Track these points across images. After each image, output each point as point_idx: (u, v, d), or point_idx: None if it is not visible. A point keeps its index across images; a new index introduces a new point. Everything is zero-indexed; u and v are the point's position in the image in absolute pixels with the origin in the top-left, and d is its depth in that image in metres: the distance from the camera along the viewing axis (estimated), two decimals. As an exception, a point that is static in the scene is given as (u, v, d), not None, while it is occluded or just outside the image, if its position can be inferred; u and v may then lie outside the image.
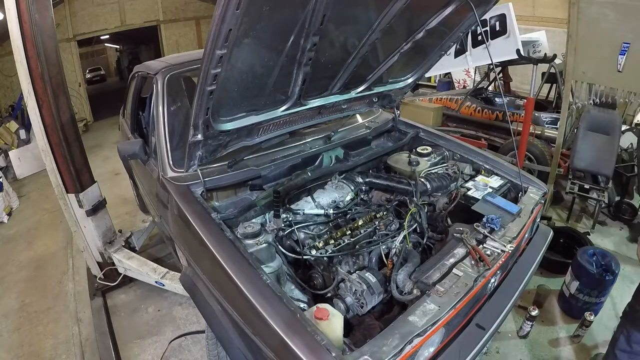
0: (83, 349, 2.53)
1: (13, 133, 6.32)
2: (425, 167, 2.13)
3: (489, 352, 2.25)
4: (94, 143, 7.11)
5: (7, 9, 2.11)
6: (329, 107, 2.09)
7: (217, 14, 1.08)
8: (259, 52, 1.42)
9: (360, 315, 1.44)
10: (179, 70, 2.18)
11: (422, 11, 1.76)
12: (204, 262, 1.53)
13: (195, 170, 1.77)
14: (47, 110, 2.37)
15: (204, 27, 10.33)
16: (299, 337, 1.09)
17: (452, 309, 1.23)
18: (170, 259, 3.11)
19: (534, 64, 3.37)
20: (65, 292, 3.13)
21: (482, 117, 4.66)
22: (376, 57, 1.97)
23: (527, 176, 2.09)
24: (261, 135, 1.90)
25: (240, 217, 1.72)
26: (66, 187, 2.58)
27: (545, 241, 1.97)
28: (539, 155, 3.89)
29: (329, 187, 1.99)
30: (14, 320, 2.87)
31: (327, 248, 1.63)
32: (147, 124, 2.57)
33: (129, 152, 2.04)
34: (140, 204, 3.51)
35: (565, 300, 2.53)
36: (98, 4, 8.64)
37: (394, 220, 1.84)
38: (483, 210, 1.72)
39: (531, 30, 5.26)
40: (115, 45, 19.69)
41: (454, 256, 1.47)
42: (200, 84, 1.30)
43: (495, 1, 1.80)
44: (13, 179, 5.76)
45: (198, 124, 1.49)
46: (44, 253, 3.75)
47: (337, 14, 1.43)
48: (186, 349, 2.41)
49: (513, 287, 1.67)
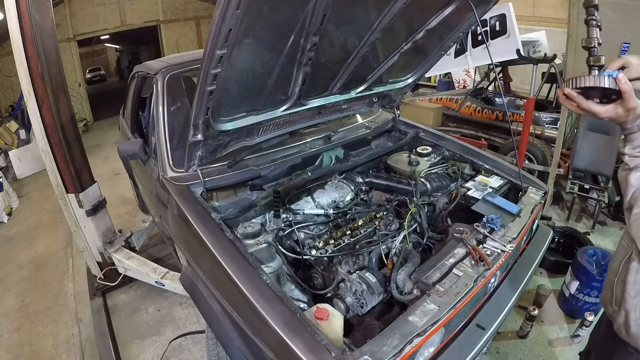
0: (83, 349, 2.53)
1: (13, 133, 6.32)
2: (425, 167, 2.13)
3: (489, 352, 2.25)
4: (94, 143, 7.12)
5: (7, 9, 2.11)
6: (329, 107, 2.09)
7: (217, 14, 1.08)
8: (259, 52, 1.42)
9: (360, 315, 1.44)
10: (179, 70, 2.18)
11: (422, 11, 1.76)
12: (204, 262, 1.53)
13: (195, 170, 1.77)
14: (47, 110, 2.37)
15: (204, 27, 10.34)
16: (299, 337, 1.09)
17: (452, 309, 1.23)
18: (170, 259, 3.11)
19: (534, 64, 3.37)
20: (65, 292, 3.13)
21: (482, 117, 4.66)
22: (376, 57, 1.97)
23: (527, 176, 2.09)
24: (261, 135, 1.90)
25: (240, 217, 1.72)
26: (66, 187, 2.58)
27: (545, 241, 1.97)
28: (539, 155, 3.89)
29: (329, 187, 1.99)
30: (14, 320, 2.87)
31: (327, 248, 1.63)
32: (147, 124, 2.57)
33: (129, 152, 2.04)
34: (140, 204, 3.51)
35: (565, 300, 2.53)
36: (98, 4, 8.65)
37: (394, 220, 1.84)
38: (483, 210, 1.72)
39: (531, 30, 5.27)
40: (115, 45, 19.71)
41: (454, 256, 1.47)
42: (200, 84, 1.29)
43: (495, 1, 1.80)
44: (13, 179, 5.77)
45: (198, 124, 1.49)
46: (44, 253, 3.75)
47: (337, 14, 1.43)
48: (186, 349, 2.41)
49: (513, 287, 1.67)
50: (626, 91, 0.90)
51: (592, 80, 0.93)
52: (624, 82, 0.90)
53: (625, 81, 0.90)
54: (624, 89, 0.90)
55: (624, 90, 0.90)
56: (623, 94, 0.91)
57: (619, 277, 1.09)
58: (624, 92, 0.90)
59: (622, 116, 0.94)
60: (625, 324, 1.10)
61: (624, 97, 0.91)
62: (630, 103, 0.91)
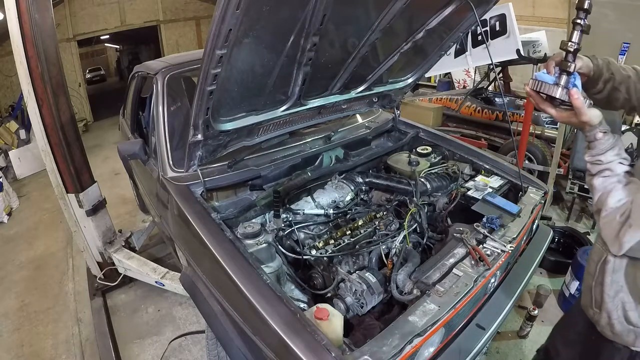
0: (83, 349, 2.53)
1: (13, 133, 6.32)
2: (425, 167, 2.13)
3: (489, 352, 2.25)
4: (94, 143, 7.12)
5: (7, 9, 2.11)
6: (329, 107, 2.09)
7: (217, 14, 1.08)
8: (259, 52, 1.42)
9: (360, 315, 1.44)
10: (179, 70, 2.18)
11: (422, 11, 1.76)
12: (204, 262, 1.52)
13: (195, 170, 1.77)
14: (47, 110, 2.37)
15: (204, 27, 10.34)
16: (299, 337, 1.09)
17: (452, 309, 1.23)
18: (170, 259, 3.11)
19: (534, 64, 3.37)
20: (65, 292, 3.13)
21: (482, 117, 4.66)
22: (376, 57, 1.97)
23: (527, 176, 2.09)
24: (261, 135, 1.90)
25: (240, 217, 1.72)
26: (66, 187, 2.58)
27: (545, 241, 1.97)
28: (539, 155, 3.89)
29: (329, 187, 1.99)
30: (14, 320, 2.87)
31: (327, 248, 1.63)
32: (147, 124, 2.57)
33: (129, 152, 2.04)
34: (140, 204, 3.51)
35: (565, 300, 2.53)
36: (98, 4, 8.65)
37: (394, 220, 1.84)
38: (483, 210, 1.72)
39: (531, 30, 5.26)
40: (115, 45, 19.71)
41: (454, 256, 1.47)
42: (200, 84, 1.29)
43: (495, 1, 1.80)
44: (13, 179, 5.77)
45: (198, 124, 1.49)
46: (44, 253, 3.75)
47: (337, 14, 1.43)
48: (186, 349, 2.41)
49: (513, 287, 1.67)
50: (577, 107, 0.94)
51: (548, 87, 0.96)
52: (576, 97, 0.93)
53: (577, 96, 0.93)
54: (575, 104, 0.94)
55: (575, 105, 0.94)
56: (575, 109, 0.94)
57: (596, 280, 1.11)
58: (575, 107, 0.94)
59: (576, 125, 0.98)
60: (609, 325, 1.11)
61: (576, 112, 0.95)
62: (582, 117, 0.95)
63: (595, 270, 1.10)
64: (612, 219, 0.95)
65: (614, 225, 0.94)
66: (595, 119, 0.95)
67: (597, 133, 0.96)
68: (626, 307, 1.06)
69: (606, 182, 0.97)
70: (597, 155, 0.98)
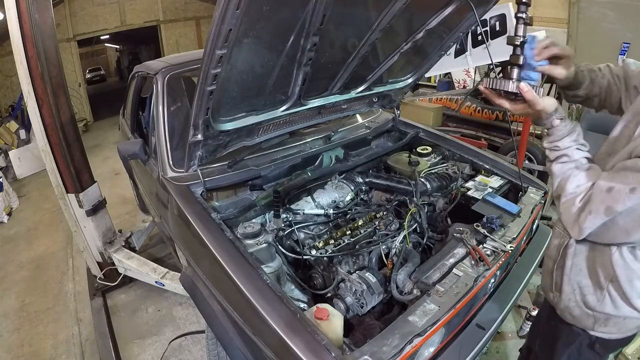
0: (83, 349, 2.53)
1: (13, 133, 6.32)
2: (425, 167, 2.13)
3: (489, 352, 2.25)
4: (94, 143, 7.12)
5: (7, 9, 2.11)
6: (329, 107, 2.08)
7: (217, 14, 1.08)
8: (259, 52, 1.42)
9: (360, 315, 1.44)
10: (179, 70, 2.18)
11: (422, 11, 1.76)
12: (204, 262, 1.52)
13: (195, 170, 1.76)
14: (47, 110, 2.37)
15: (204, 27, 10.35)
16: (299, 337, 1.09)
17: (452, 309, 1.23)
18: (170, 259, 3.11)
19: (534, 64, 3.36)
20: (65, 292, 3.13)
21: (482, 117, 4.66)
22: (376, 57, 1.97)
23: (527, 176, 2.09)
24: (261, 135, 1.90)
25: (240, 217, 1.72)
26: (66, 187, 2.58)
27: (545, 241, 1.97)
28: (539, 155, 3.89)
29: (329, 187, 1.99)
30: (14, 320, 2.87)
31: (327, 248, 1.62)
32: (147, 124, 2.57)
33: (129, 152, 2.04)
34: (140, 204, 3.51)
35: (565, 300, 2.52)
36: (98, 4, 8.66)
37: (394, 220, 1.84)
38: (483, 210, 1.72)
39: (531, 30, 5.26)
40: (115, 45, 19.73)
41: (454, 256, 1.47)
42: (200, 84, 1.29)
43: (495, 1, 1.80)
44: (13, 179, 5.77)
45: (198, 124, 1.48)
46: (44, 253, 3.75)
47: (337, 14, 1.43)
48: (186, 349, 2.41)
49: (513, 287, 1.67)
50: (528, 99, 0.97)
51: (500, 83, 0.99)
52: (526, 90, 0.96)
53: (527, 89, 0.96)
54: (526, 97, 0.96)
55: (528, 98, 0.96)
56: (527, 102, 0.97)
57: (557, 264, 1.13)
58: (528, 100, 0.97)
59: (533, 114, 1.01)
60: (568, 308, 1.13)
61: (529, 104, 0.97)
62: (537, 107, 0.97)
63: (557, 254, 1.12)
64: (570, 204, 0.96)
65: (572, 210, 0.95)
66: (550, 107, 0.98)
67: (554, 120, 0.99)
68: (584, 290, 1.08)
69: (564, 167, 0.99)
70: (554, 142, 1.00)
